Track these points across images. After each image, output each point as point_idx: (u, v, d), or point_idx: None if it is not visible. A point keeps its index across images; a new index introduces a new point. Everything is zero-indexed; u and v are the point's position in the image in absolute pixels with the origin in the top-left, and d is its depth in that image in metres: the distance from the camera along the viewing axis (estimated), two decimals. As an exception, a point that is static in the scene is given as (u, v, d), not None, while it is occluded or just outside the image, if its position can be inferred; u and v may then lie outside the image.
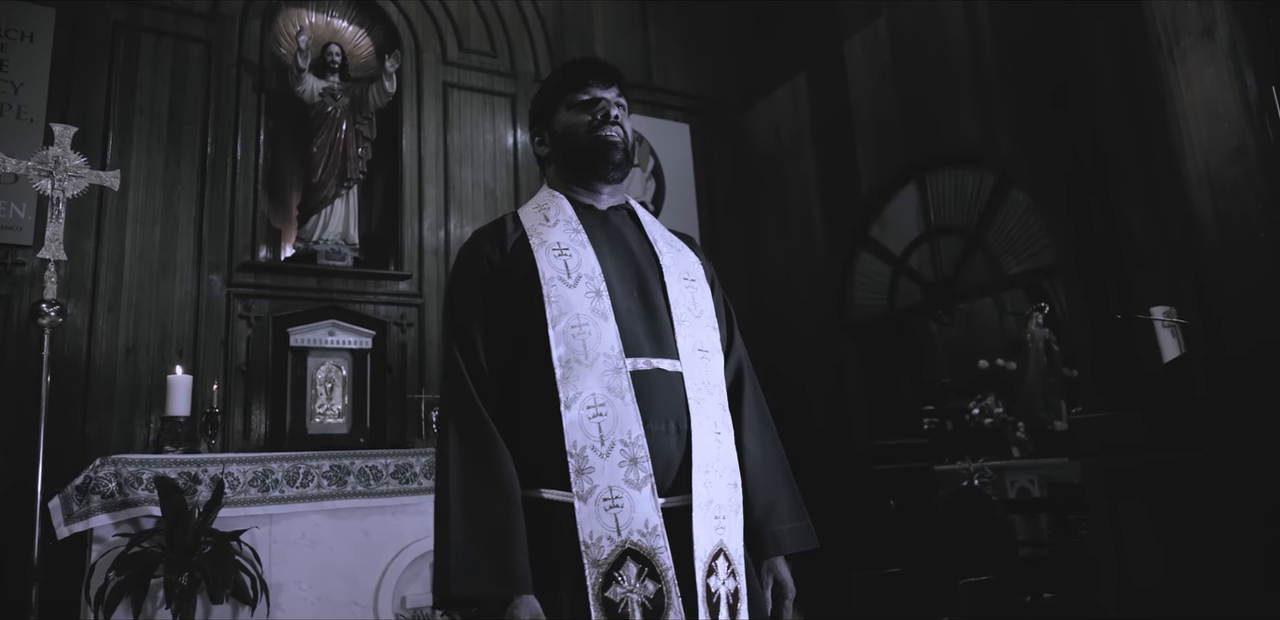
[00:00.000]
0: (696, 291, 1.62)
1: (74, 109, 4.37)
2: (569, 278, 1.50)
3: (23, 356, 3.97)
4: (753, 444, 1.63)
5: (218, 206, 4.59)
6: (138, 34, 4.63)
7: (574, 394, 1.41)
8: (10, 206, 4.10)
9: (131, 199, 4.40)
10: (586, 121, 1.63)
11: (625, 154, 1.66)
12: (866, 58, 5.61)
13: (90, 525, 2.81)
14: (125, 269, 4.29)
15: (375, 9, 5.44)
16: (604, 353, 1.44)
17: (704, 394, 1.51)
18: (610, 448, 1.38)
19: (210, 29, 4.82)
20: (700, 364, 1.53)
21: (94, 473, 2.90)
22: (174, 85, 4.65)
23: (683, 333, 1.53)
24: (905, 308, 5.36)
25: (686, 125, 6.26)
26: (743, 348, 1.76)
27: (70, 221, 4.22)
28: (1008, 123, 4.62)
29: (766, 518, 1.59)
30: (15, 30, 4.35)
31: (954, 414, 6.71)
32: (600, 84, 1.67)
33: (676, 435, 1.45)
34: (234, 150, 4.71)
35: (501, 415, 1.46)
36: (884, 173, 5.43)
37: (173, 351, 4.26)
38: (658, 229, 1.70)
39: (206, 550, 2.71)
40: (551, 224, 1.58)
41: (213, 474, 3.04)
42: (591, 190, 1.66)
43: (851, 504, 5.12)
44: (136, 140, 4.49)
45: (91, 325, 4.12)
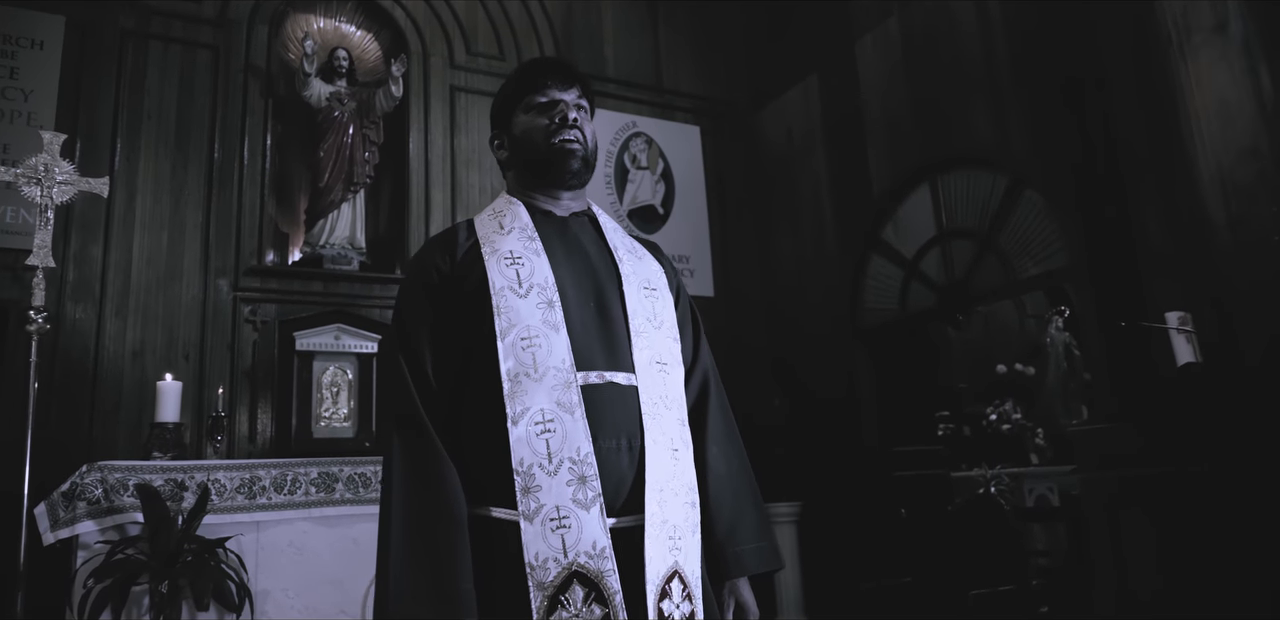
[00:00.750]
0: (657, 301, 1.56)
1: (83, 115, 4.41)
2: (520, 288, 1.45)
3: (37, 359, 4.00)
4: (716, 460, 1.57)
5: (224, 211, 4.61)
6: (146, 41, 4.67)
7: (521, 409, 1.36)
8: (20, 212, 4.15)
9: (139, 204, 4.43)
10: (544, 125, 1.56)
11: (585, 160, 1.58)
12: (878, 58, 5.53)
13: (76, 532, 2.83)
14: (133, 273, 4.32)
15: (382, 13, 5.45)
16: (554, 366, 1.38)
17: (661, 409, 1.45)
18: (558, 466, 1.33)
19: (218, 35, 4.85)
20: (658, 377, 1.47)
21: (80, 479, 2.91)
22: (181, 91, 4.68)
23: (640, 345, 1.47)
24: (917, 312, 5.28)
25: (697, 127, 6.22)
26: (709, 359, 1.69)
27: (79, 227, 4.28)
28: (1020, 123, 4.53)
29: (729, 537, 1.54)
30: (26, 38, 4.41)
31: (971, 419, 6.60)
32: (559, 85, 1.60)
33: (629, 452, 1.39)
34: (241, 155, 4.74)
35: (449, 430, 1.41)
36: (896, 174, 5.35)
37: (179, 355, 4.29)
38: (619, 236, 1.64)
39: (189, 558, 2.70)
40: (506, 232, 1.53)
41: (199, 481, 3.04)
42: (550, 196, 1.60)
43: (862, 511, 5.04)
44: (144, 146, 4.52)
45: (99, 329, 4.16)
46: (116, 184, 4.39)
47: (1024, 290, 5.24)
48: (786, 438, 5.43)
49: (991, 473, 5.72)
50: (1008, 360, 6.96)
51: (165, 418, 3.47)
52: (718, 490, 1.54)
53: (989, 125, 4.71)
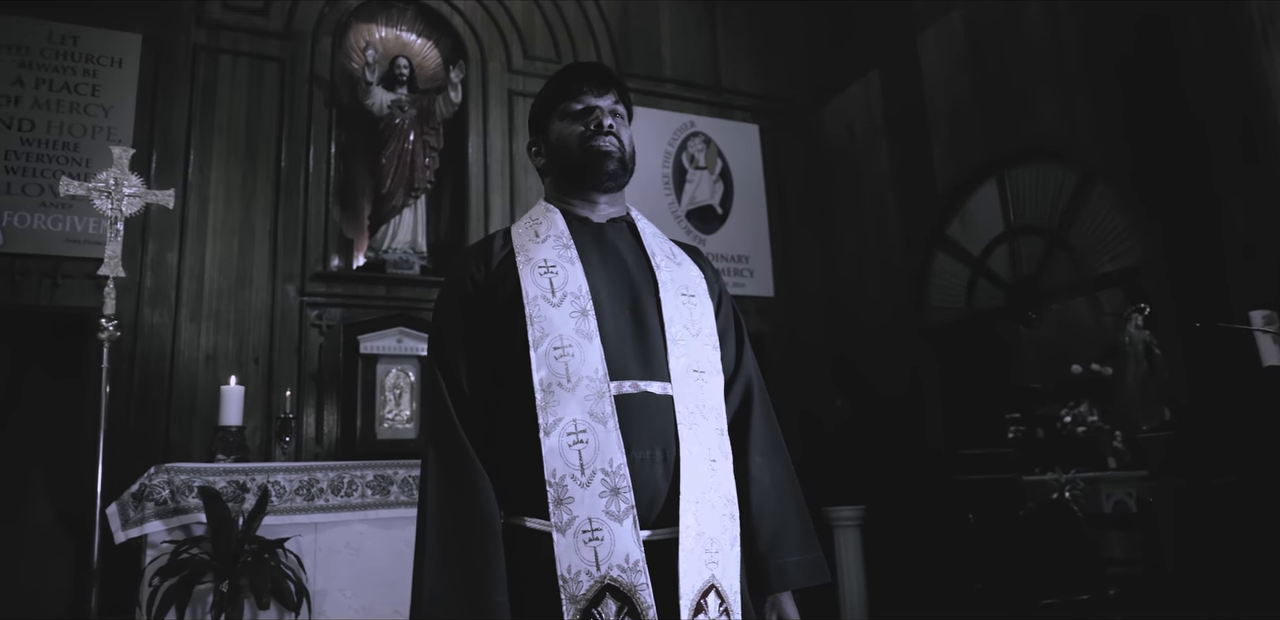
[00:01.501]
0: (695, 308, 1.52)
1: (158, 129, 4.59)
2: (553, 297, 1.43)
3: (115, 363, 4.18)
4: (760, 470, 1.53)
5: (291, 218, 4.74)
6: (216, 55, 4.83)
7: (554, 420, 1.34)
8: (100, 223, 4.32)
9: (211, 213, 4.59)
10: (579, 132, 1.54)
11: (621, 162, 1.56)
12: (941, 52, 5.39)
13: (145, 531, 2.95)
14: (205, 280, 4.48)
15: (441, 21, 5.54)
16: (587, 376, 1.36)
17: (697, 418, 1.42)
18: (591, 477, 1.31)
19: (284, 47, 4.99)
20: (694, 386, 1.44)
21: (148, 480, 3.04)
22: (250, 103, 4.83)
23: (676, 353, 1.44)
24: (985, 310, 5.13)
25: (756, 126, 6.15)
26: (753, 366, 1.64)
27: (155, 235, 4.45)
28: (1091, 114, 4.36)
29: (772, 549, 1.49)
30: (106, 57, 4.60)
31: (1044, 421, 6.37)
32: (594, 91, 1.57)
33: (664, 464, 1.36)
34: (307, 163, 4.87)
35: (485, 440, 1.41)
36: (961, 170, 5.21)
37: (249, 359, 4.43)
38: (658, 241, 1.60)
39: (249, 558, 2.79)
40: (541, 240, 1.51)
41: (260, 482, 3.14)
42: (587, 201, 1.58)
43: (928, 516, 4.92)
44: (215, 157, 4.68)
45: (174, 334, 4.32)
46: (190, 194, 4.56)
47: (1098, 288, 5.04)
48: (849, 439, 5.33)
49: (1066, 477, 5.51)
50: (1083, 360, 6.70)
51: (228, 421, 3.59)
52: (760, 501, 1.51)
53: (1058, 117, 4.55)
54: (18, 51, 4.43)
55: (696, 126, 5.98)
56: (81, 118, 4.46)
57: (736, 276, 5.74)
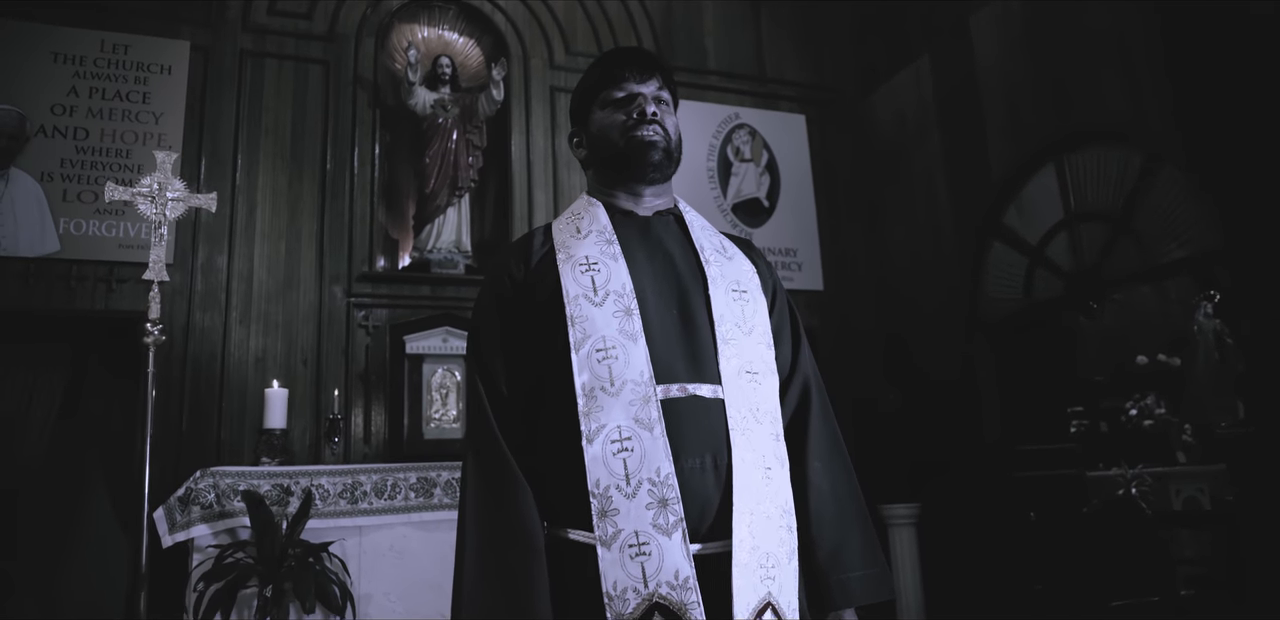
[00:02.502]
0: (747, 305, 1.44)
1: (207, 134, 4.66)
2: (595, 296, 1.36)
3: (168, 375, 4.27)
4: (819, 476, 1.43)
5: (337, 220, 4.78)
6: (262, 59, 4.88)
7: (597, 426, 1.27)
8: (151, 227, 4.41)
9: (259, 216, 4.65)
10: (621, 121, 1.47)
11: (666, 152, 1.48)
12: (995, 32, 5.20)
13: (191, 535, 2.99)
14: (254, 282, 4.54)
15: (483, 19, 5.53)
16: (632, 379, 1.29)
17: (751, 423, 1.33)
18: (637, 487, 1.24)
19: (328, 50, 5.03)
20: (747, 388, 1.36)
21: (194, 484, 3.07)
22: (295, 106, 4.88)
23: (727, 353, 1.36)
24: (1044, 300, 4.95)
25: (803, 116, 6.03)
26: (811, 364, 1.55)
27: (205, 239, 4.53)
28: (1158, 95, 4.17)
29: (833, 563, 1.39)
30: (156, 64, 4.69)
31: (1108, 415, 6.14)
32: (636, 77, 1.49)
33: (715, 472, 1.28)
34: (351, 165, 4.90)
35: (527, 447, 1.35)
36: (1017, 155, 5.03)
37: (297, 360, 4.48)
38: (707, 234, 1.52)
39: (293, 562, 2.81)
40: (583, 236, 1.44)
41: (304, 486, 3.16)
42: (632, 194, 1.50)
43: (987, 514, 4.77)
44: (263, 160, 4.74)
45: (225, 336, 4.39)
46: (238, 197, 4.63)
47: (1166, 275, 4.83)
48: (904, 435, 5.20)
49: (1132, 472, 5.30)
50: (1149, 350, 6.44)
51: (273, 424, 3.62)
52: (820, 510, 1.41)
53: (1122, 98, 4.36)
54: (72, 62, 4.53)
55: (741, 118, 5.88)
56: (133, 125, 4.55)
57: (785, 271, 5.63)
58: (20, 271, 4.16)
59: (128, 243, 4.36)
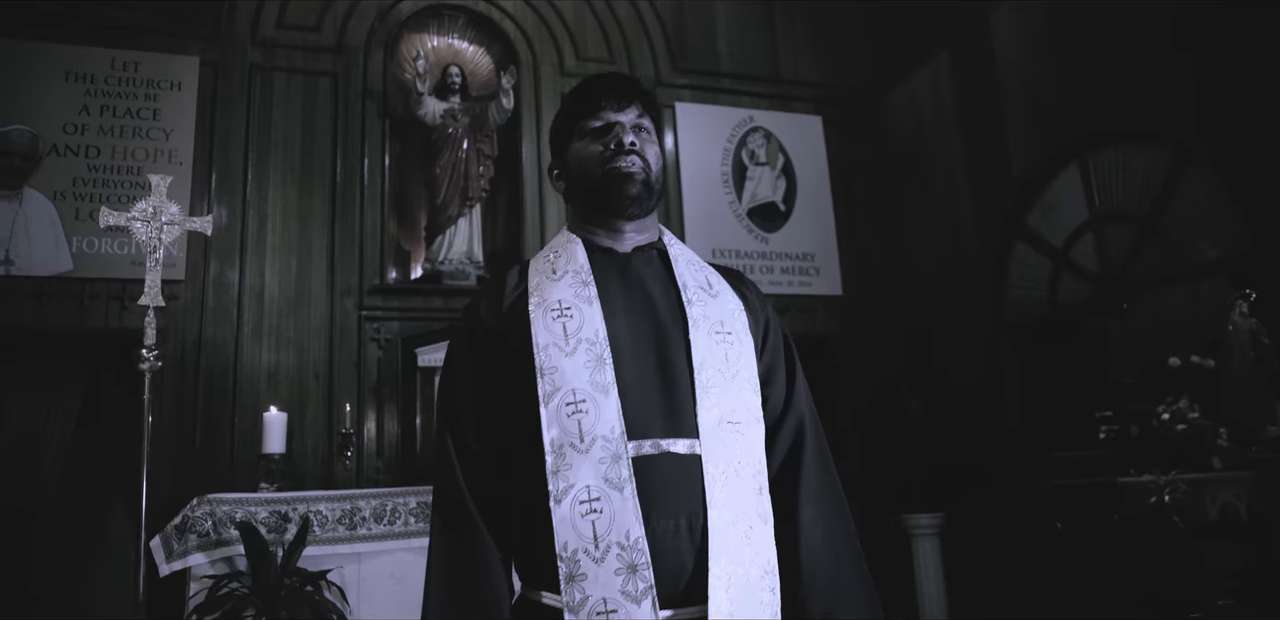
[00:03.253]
0: (731, 347, 1.35)
1: (217, 150, 4.67)
2: (566, 344, 1.28)
3: (180, 385, 4.29)
4: (812, 526, 1.36)
5: (348, 233, 4.77)
6: (271, 73, 4.88)
7: (565, 486, 1.21)
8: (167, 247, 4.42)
9: (270, 230, 4.65)
10: (598, 152, 1.40)
11: (645, 185, 1.40)
12: (1015, 29, 5.07)
13: (188, 564, 2.97)
14: (265, 297, 4.54)
15: (493, 26, 5.49)
16: (602, 435, 1.22)
17: (731, 479, 1.26)
18: (605, 551, 1.18)
19: (336, 62, 5.01)
20: (729, 440, 1.28)
21: (191, 512, 3.06)
22: (305, 119, 4.87)
23: (707, 403, 1.28)
24: (1070, 303, 4.81)
25: (819, 117, 5.92)
26: (806, 402, 1.46)
27: (216, 254, 4.53)
28: (1185, 91, 4.03)
29: (828, 614, 1.33)
30: (165, 81, 4.70)
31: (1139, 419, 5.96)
32: (614, 105, 1.42)
33: (689, 534, 1.21)
34: (361, 177, 4.88)
35: (499, 505, 1.29)
36: (1040, 155, 4.90)
37: (310, 375, 4.47)
38: (692, 270, 1.43)
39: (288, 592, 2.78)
40: (558, 277, 1.37)
41: (301, 512, 3.13)
42: (611, 230, 1.43)
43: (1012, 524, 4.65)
44: (273, 175, 4.74)
45: (237, 352, 4.39)
46: (249, 212, 4.63)
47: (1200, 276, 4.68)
48: (925, 442, 5.09)
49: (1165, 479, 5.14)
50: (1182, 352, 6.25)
51: (271, 449, 3.61)
52: (812, 561, 1.34)
53: (1147, 95, 4.23)
54: (83, 80, 4.56)
55: (756, 121, 5.79)
56: (144, 142, 4.57)
57: (802, 275, 5.54)
58: (35, 290, 4.19)
59: (140, 260, 4.32)
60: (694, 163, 5.54)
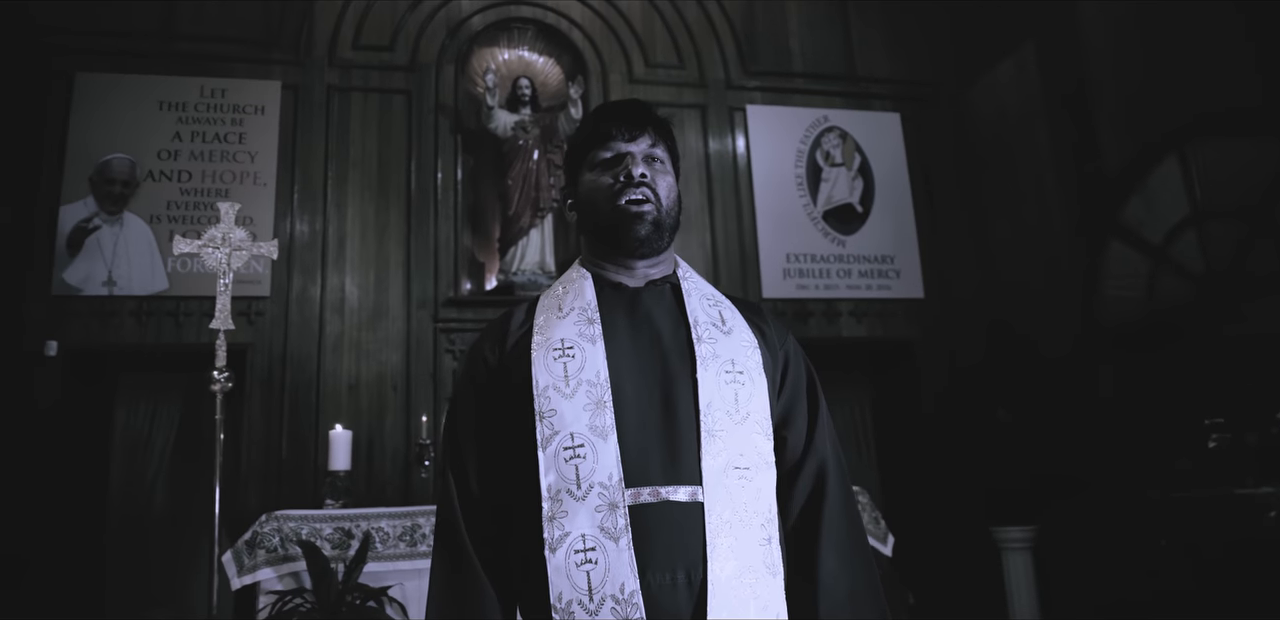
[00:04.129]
0: (742, 388, 1.29)
1: (299, 169, 4.85)
2: (566, 386, 1.25)
3: (268, 403, 4.48)
4: (832, 578, 1.29)
5: (423, 246, 4.87)
6: (348, 93, 5.04)
7: (560, 534, 1.18)
8: (252, 264, 4.61)
9: (349, 247, 4.80)
10: (608, 185, 1.35)
11: (656, 224, 1.35)
12: (1105, 15, 4.80)
13: (257, 578, 3.08)
14: (345, 312, 4.69)
15: (561, 37, 5.52)
16: (600, 482, 1.18)
17: (736, 529, 1.20)
18: (600, 604, 1.14)
19: (410, 79, 5.14)
20: (735, 487, 1.22)
21: (260, 528, 3.17)
22: (380, 136, 5.01)
23: (713, 448, 1.22)
24: (1169, 304, 4.52)
25: (897, 114, 5.74)
26: (829, 445, 1.39)
27: (299, 270, 4.71)
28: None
29: None
30: (250, 105, 4.91)
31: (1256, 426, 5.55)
32: (625, 135, 1.37)
33: (688, 589, 1.16)
34: (435, 191, 4.99)
35: (499, 552, 1.28)
36: (1134, 148, 4.62)
37: (388, 387, 4.59)
38: (704, 306, 1.37)
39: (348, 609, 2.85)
40: (563, 315, 1.33)
41: (364, 529, 3.20)
42: (622, 266, 1.38)
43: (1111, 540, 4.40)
44: (350, 192, 4.89)
45: (319, 365, 4.55)
46: (329, 229, 4.79)
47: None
48: (1018, 452, 4.86)
49: (1286, 492, 4.77)
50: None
51: (336, 466, 3.70)
52: (833, 616, 1.27)
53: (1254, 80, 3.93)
54: (175, 108, 4.80)
55: (831, 120, 5.65)
56: (231, 165, 4.78)
57: (881, 279, 5.37)
58: (134, 309, 4.44)
59: (229, 278, 4.58)
60: (766, 166, 5.44)
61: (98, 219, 4.50)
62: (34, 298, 4.35)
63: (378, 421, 4.50)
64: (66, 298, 4.37)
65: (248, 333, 4.51)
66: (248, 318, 4.52)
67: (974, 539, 4.75)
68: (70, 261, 4.41)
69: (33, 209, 4.48)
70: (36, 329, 4.28)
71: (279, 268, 4.64)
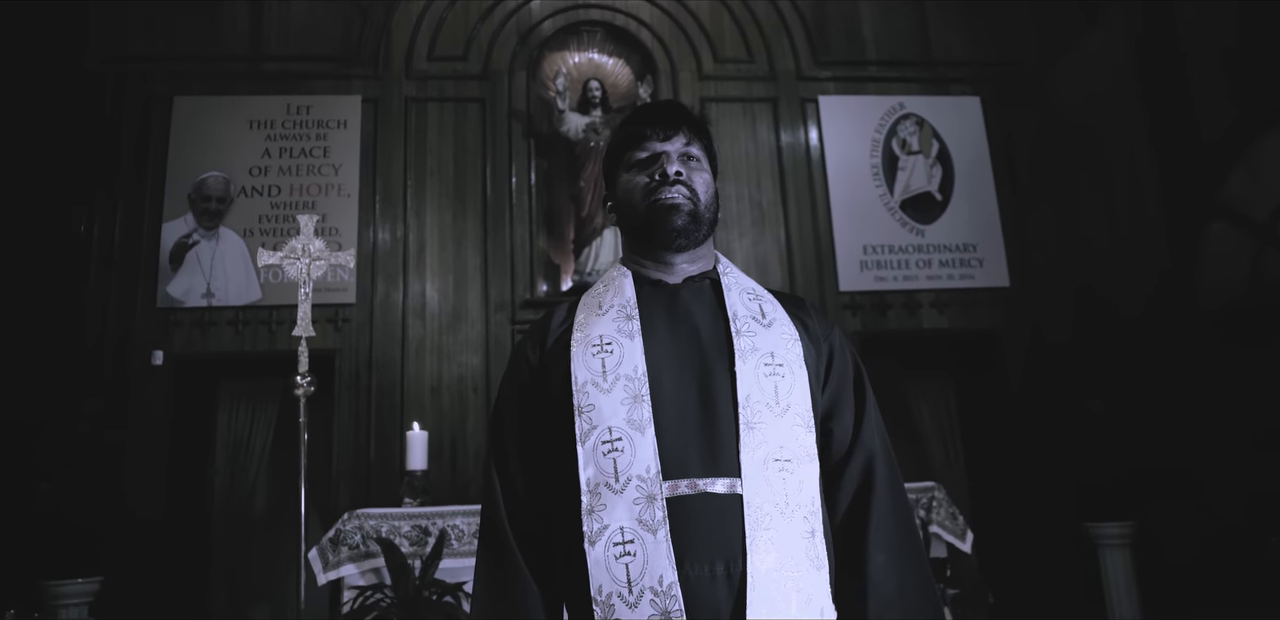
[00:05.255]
0: (782, 380, 1.29)
1: (380, 180, 5.03)
2: (604, 381, 1.27)
3: (356, 406, 4.67)
4: (881, 574, 1.27)
5: (499, 250, 4.99)
6: (424, 104, 5.20)
7: (599, 527, 1.19)
8: (338, 271, 4.82)
9: (428, 253, 4.96)
10: (644, 184, 1.38)
11: (693, 216, 1.36)
12: (1196, -19, 4.52)
13: (341, 574, 3.21)
14: (426, 316, 4.85)
15: (630, 38, 5.56)
16: (638, 475, 1.19)
17: (777, 521, 1.19)
18: (639, 597, 1.14)
19: (483, 87, 5.27)
20: (775, 480, 1.22)
21: (343, 525, 3.32)
22: (456, 144, 5.16)
23: (751, 441, 1.22)
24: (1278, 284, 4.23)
25: (976, 98, 5.55)
26: (878, 437, 1.37)
27: (382, 277, 4.89)
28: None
29: None
30: (333, 120, 5.12)
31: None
32: (660, 135, 1.40)
33: (726, 581, 1.16)
34: (510, 195, 5.10)
35: (541, 542, 1.30)
36: (1235, 121, 4.34)
37: (469, 389, 4.72)
38: (744, 300, 1.38)
39: (427, 603, 2.95)
40: (603, 312, 1.35)
41: (440, 527, 3.31)
42: (660, 262, 1.40)
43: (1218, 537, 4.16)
44: (429, 200, 5.05)
45: (403, 369, 4.71)
46: (409, 236, 4.96)
47: None
48: (1114, 444, 4.64)
49: None
50: None
51: (414, 466, 3.82)
52: (882, 614, 1.25)
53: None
54: (264, 126, 5.05)
55: (906, 108, 5.51)
56: (317, 178, 5.00)
57: (964, 268, 5.21)
58: (232, 319, 4.71)
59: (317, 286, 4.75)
60: (840, 157, 5.35)
61: (196, 234, 4.78)
62: (142, 311, 4.65)
63: (459, 423, 4.64)
64: (170, 310, 4.67)
65: (334, 339, 4.72)
66: (334, 324, 4.73)
67: (1066, 535, 4.56)
68: (173, 276, 4.70)
69: (141, 228, 4.79)
70: (144, 340, 4.59)
71: (363, 275, 4.83)
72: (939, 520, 3.29)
